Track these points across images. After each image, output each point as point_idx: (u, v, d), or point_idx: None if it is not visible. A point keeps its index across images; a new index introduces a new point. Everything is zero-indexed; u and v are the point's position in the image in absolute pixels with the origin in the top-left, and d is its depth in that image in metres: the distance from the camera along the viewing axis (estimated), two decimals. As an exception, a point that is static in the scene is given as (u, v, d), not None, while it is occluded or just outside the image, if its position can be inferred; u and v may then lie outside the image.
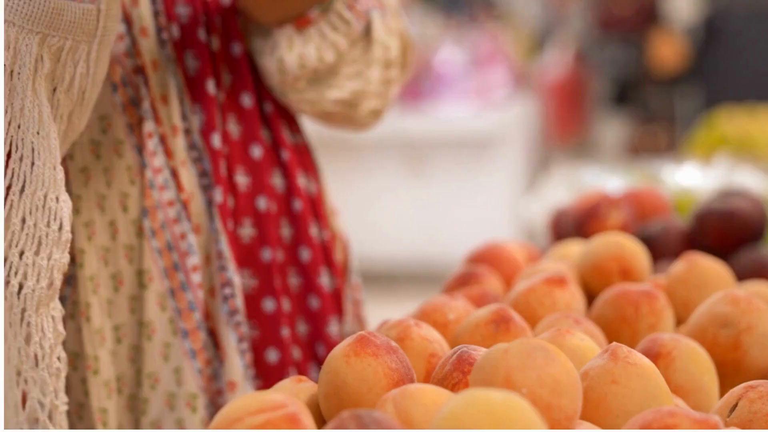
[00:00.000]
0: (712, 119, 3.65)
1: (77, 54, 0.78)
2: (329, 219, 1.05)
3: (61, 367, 0.78)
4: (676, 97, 6.06)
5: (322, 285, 1.00)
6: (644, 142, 5.78)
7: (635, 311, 0.85)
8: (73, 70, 0.78)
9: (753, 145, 2.99)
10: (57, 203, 0.77)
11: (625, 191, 1.35)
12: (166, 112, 0.92)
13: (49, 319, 0.77)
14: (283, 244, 0.99)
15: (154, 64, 0.91)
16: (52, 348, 0.78)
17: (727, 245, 1.19)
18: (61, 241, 0.77)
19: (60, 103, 0.78)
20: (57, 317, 0.78)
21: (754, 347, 0.80)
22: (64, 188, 0.79)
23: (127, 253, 0.91)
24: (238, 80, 0.96)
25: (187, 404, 0.91)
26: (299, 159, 1.01)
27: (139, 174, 0.90)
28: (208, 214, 0.93)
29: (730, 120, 3.43)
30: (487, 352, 0.64)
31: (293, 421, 0.59)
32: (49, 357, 0.77)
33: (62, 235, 0.77)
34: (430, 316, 0.84)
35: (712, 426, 0.59)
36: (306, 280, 1.00)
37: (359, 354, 0.69)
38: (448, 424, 0.53)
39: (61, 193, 0.78)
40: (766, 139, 3.09)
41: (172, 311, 0.91)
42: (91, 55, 0.79)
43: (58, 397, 0.78)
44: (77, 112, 0.81)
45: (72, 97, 0.79)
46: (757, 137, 3.09)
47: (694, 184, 1.74)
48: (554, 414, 0.60)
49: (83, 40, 0.78)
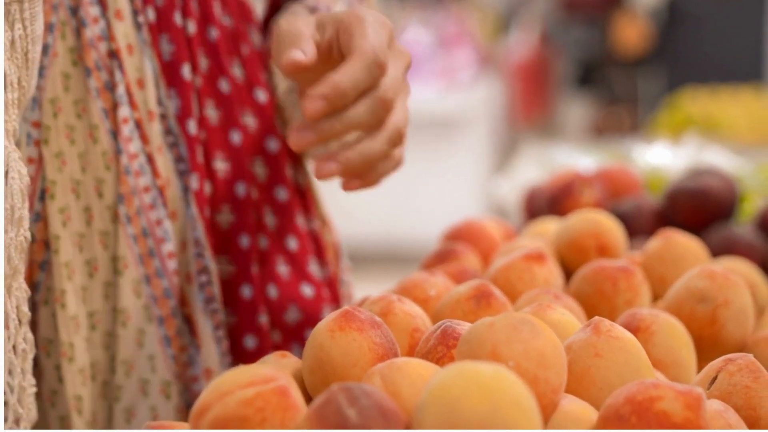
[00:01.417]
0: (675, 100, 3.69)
1: (11, 16, 0.76)
2: (319, 208, 1.04)
3: (27, 348, 0.78)
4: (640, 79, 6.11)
5: (311, 273, 1.00)
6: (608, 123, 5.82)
7: (613, 287, 0.86)
8: (11, 33, 0.77)
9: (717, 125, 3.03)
10: (9, 179, 0.75)
11: (597, 170, 1.36)
12: (142, 96, 0.90)
13: (13, 299, 0.76)
14: (268, 232, 0.99)
15: (129, 48, 0.90)
16: (17, 329, 0.77)
17: (699, 223, 1.21)
18: (14, 218, 0.76)
19: (7, 70, 0.76)
20: (21, 297, 0.77)
21: (731, 322, 0.81)
22: (21, 163, 0.77)
23: (102, 239, 0.89)
24: (215, 65, 0.95)
25: (161, 391, 0.91)
26: (288, 149, 1.01)
27: (115, 160, 0.89)
28: (185, 200, 0.92)
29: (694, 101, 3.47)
30: (472, 326, 0.64)
31: (283, 394, 0.59)
32: (14, 337, 0.76)
33: (14, 213, 0.76)
34: (410, 293, 0.84)
35: (696, 397, 0.59)
36: (295, 269, 1.00)
37: (344, 329, 0.69)
38: (438, 395, 0.54)
39: (13, 169, 0.76)
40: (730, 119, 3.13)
41: (147, 298, 0.90)
42: (25, 14, 0.77)
43: (26, 378, 0.77)
44: (24, 76, 0.79)
45: (17, 62, 0.77)
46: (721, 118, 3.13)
47: (663, 163, 1.76)
48: (540, 387, 0.61)
49: (13, 0, 0.76)
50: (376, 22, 0.80)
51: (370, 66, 0.77)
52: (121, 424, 0.90)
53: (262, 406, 0.58)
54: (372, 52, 0.78)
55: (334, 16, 0.81)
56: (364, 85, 0.78)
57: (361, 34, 0.78)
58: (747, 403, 0.66)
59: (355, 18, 0.80)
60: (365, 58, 0.77)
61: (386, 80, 0.79)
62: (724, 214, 1.22)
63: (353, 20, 0.80)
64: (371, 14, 0.81)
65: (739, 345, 0.82)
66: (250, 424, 0.57)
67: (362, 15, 0.80)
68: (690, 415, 0.58)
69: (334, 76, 0.77)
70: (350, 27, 0.79)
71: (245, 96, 0.98)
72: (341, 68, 0.77)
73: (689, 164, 1.67)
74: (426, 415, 0.54)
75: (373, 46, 0.78)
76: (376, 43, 0.78)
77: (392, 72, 0.80)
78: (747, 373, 0.68)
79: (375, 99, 0.79)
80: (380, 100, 0.79)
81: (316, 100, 0.76)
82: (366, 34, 0.78)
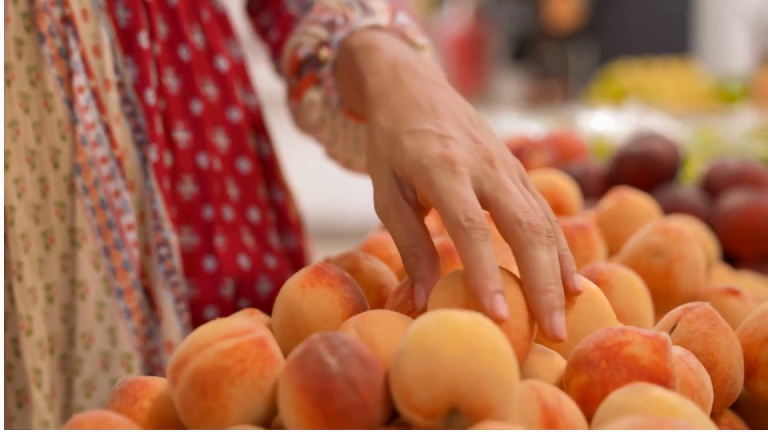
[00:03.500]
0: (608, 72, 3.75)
1: None
2: (282, 178, 1.04)
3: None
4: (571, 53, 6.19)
5: (272, 245, 1.00)
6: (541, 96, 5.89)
7: (570, 244, 0.87)
8: None
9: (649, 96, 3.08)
10: None
11: (546, 135, 1.38)
12: (99, 64, 0.88)
13: None
14: (232, 203, 0.98)
15: (84, 14, 0.87)
16: None
17: (645, 185, 1.24)
18: None
19: None
20: None
21: (684, 275, 0.84)
22: None
23: (59, 210, 0.87)
24: (174, 31, 0.93)
25: (122, 364, 0.89)
26: (251, 119, 1.00)
27: (71, 129, 0.87)
28: (143, 171, 0.90)
29: (627, 73, 3.53)
30: (444, 277, 0.65)
31: (262, 345, 0.59)
32: None
33: None
34: (373, 251, 0.85)
35: (662, 342, 0.62)
36: (258, 241, 0.99)
37: (315, 284, 0.69)
38: (418, 342, 0.55)
39: None
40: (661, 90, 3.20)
41: (106, 270, 0.88)
42: None
43: None
44: None
45: None
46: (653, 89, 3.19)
47: (606, 129, 1.80)
48: (513, 335, 0.62)
49: None
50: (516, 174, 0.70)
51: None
52: (81, 397, 0.88)
53: (242, 357, 0.58)
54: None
55: None
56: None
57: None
58: (705, 348, 0.69)
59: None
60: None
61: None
62: (669, 177, 1.26)
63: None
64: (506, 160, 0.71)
65: (691, 297, 0.84)
66: (230, 374, 0.58)
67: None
68: (657, 359, 0.61)
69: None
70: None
71: (205, 64, 0.96)
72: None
73: (631, 130, 1.71)
74: (406, 361, 0.55)
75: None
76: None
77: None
78: (705, 321, 0.70)
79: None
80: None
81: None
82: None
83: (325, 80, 0.89)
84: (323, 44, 0.89)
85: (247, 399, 0.58)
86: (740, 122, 2.01)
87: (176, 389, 0.59)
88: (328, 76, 0.89)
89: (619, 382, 0.60)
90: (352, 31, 0.87)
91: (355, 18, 0.89)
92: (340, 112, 0.90)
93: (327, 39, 0.89)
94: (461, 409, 0.54)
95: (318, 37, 0.90)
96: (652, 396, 0.56)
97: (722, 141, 1.69)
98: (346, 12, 0.91)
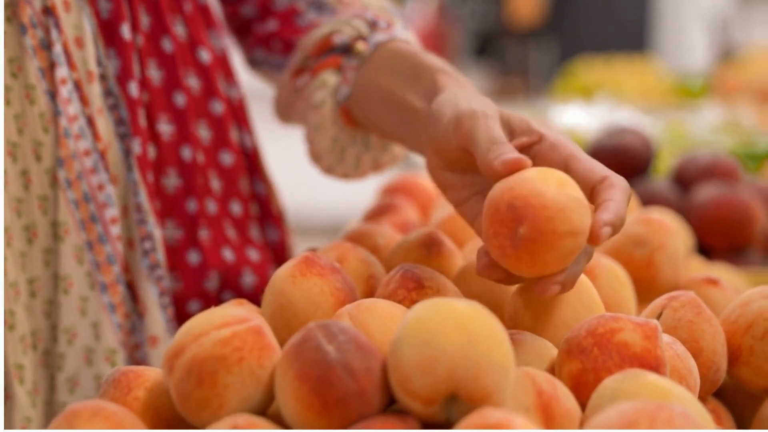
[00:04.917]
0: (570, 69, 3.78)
1: None
2: (265, 172, 1.03)
3: None
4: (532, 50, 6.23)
5: (253, 238, 0.99)
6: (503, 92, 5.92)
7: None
8: None
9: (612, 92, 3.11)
10: None
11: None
12: (81, 56, 0.87)
13: None
14: (215, 196, 0.97)
15: (66, 5, 0.86)
16: None
17: (619, 178, 1.25)
18: None
19: None
20: None
21: (665, 265, 0.85)
22: None
23: (41, 204, 0.86)
24: (157, 23, 0.92)
25: (106, 359, 0.88)
26: (233, 112, 0.99)
27: (53, 122, 0.85)
28: (126, 164, 0.89)
29: (588, 69, 3.56)
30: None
31: (259, 333, 0.59)
32: None
33: None
34: (359, 242, 0.85)
35: (653, 328, 0.63)
36: (239, 234, 0.99)
37: (305, 274, 0.69)
38: (416, 329, 0.55)
39: None
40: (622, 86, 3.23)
41: (89, 264, 0.87)
42: None
43: None
44: None
45: None
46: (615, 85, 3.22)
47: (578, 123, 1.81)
48: (505, 323, 0.63)
49: None
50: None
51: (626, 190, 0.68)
52: (64, 393, 0.87)
53: (239, 346, 0.58)
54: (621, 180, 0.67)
55: (531, 130, 0.73)
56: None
57: (586, 157, 0.69)
58: (691, 336, 0.70)
59: (562, 142, 0.71)
60: (623, 188, 0.67)
61: None
62: (642, 170, 1.27)
63: (562, 145, 0.70)
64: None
65: (672, 286, 0.86)
66: (227, 363, 0.58)
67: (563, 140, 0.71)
68: (648, 345, 0.62)
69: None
70: (566, 148, 0.70)
71: (188, 56, 0.96)
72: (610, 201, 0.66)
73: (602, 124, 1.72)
74: (404, 348, 0.55)
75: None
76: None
77: None
78: (690, 309, 0.71)
79: None
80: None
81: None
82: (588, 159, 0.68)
83: (347, 71, 0.90)
84: (361, 38, 0.90)
85: (244, 388, 0.58)
86: (705, 117, 2.04)
87: (172, 378, 0.59)
88: (352, 68, 0.90)
89: (612, 368, 0.61)
90: (393, 38, 0.89)
91: (398, 28, 0.91)
92: (339, 106, 0.91)
93: (366, 35, 0.90)
94: (460, 395, 0.54)
95: (358, 30, 0.91)
96: (647, 381, 0.57)
97: (691, 135, 1.71)
98: (389, 18, 0.93)
